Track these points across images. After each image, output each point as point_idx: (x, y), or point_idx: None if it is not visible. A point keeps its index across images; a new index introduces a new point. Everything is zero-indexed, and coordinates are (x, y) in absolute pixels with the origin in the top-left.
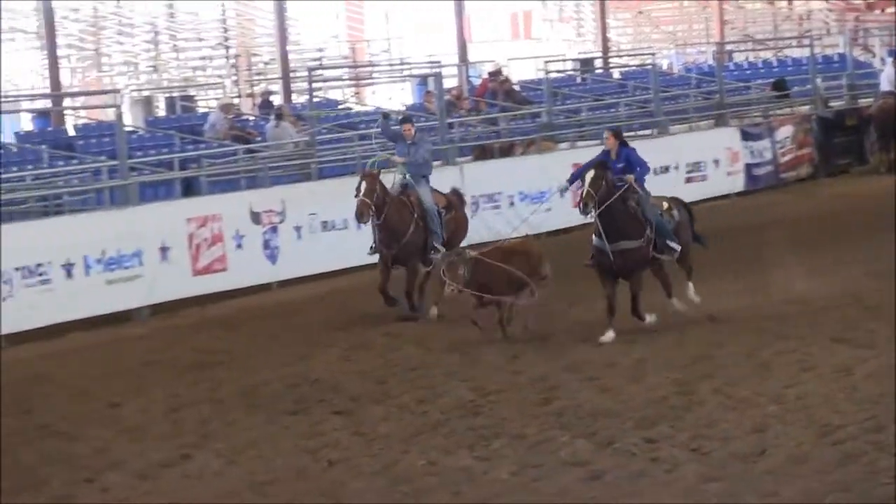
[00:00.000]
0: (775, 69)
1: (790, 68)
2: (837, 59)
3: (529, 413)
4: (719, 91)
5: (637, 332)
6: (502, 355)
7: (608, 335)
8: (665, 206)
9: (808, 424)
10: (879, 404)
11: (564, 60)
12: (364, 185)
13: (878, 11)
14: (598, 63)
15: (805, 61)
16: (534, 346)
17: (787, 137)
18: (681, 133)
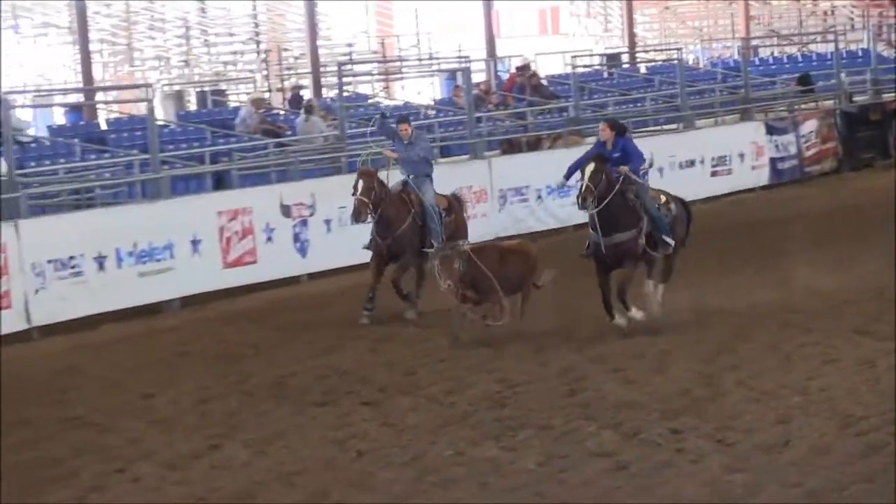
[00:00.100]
0: (800, 64)
1: (815, 63)
2: (861, 54)
3: (555, 404)
4: (745, 86)
5: (662, 324)
6: (528, 347)
7: (620, 319)
8: (663, 199)
9: (831, 416)
10: None
11: (591, 55)
12: (361, 184)
13: None
14: (624, 58)
15: (829, 56)
16: (559, 338)
17: (812, 132)
18: (706, 127)
